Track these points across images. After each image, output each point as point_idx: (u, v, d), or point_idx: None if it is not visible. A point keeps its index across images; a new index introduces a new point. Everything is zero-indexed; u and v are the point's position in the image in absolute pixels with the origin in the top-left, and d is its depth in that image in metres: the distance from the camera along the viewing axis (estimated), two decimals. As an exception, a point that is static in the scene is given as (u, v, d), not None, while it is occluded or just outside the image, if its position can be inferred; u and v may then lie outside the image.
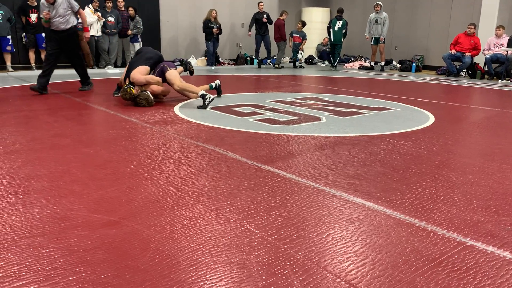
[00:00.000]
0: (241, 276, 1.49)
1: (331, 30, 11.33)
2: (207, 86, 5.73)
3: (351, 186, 2.43)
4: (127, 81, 5.16)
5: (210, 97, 4.95)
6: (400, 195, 2.31)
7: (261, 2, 11.39)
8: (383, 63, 11.41)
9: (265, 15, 11.27)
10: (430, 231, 1.88)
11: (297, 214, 2.03)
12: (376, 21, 10.94)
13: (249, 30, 11.49)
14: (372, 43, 11.21)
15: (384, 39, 11.01)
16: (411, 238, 1.81)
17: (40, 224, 1.87)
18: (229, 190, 2.33)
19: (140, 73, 5.11)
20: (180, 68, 5.69)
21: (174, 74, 5.24)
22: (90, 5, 9.51)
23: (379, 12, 10.90)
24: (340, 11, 11.37)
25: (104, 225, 1.87)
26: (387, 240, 1.79)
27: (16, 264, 1.54)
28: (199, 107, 4.93)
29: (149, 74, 5.23)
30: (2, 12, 8.42)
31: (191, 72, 5.90)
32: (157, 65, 5.34)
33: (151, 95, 5.03)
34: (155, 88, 5.18)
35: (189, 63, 5.91)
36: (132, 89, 4.95)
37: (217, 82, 5.89)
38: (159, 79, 5.23)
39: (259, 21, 11.24)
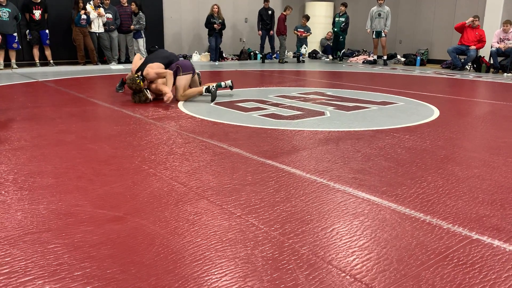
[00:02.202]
0: (246, 271, 1.49)
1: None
2: (213, 84, 5.60)
3: (355, 180, 2.43)
4: (139, 73, 5.09)
5: (213, 86, 5.02)
6: (405, 189, 2.30)
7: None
8: (385, 57, 11.28)
9: (270, 11, 11.22)
10: (436, 225, 1.87)
11: (301, 209, 2.03)
12: (379, 14, 10.75)
13: (258, 29, 11.43)
14: (374, 36, 11.05)
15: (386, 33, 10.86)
16: (416, 232, 1.80)
17: (45, 220, 1.88)
18: (234, 185, 2.33)
19: (152, 68, 5.05)
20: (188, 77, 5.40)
21: (181, 83, 5.12)
22: (91, 2, 9.51)
23: (381, 6, 10.73)
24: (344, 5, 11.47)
25: (109, 221, 1.87)
26: (392, 234, 1.78)
27: (22, 260, 1.55)
28: (212, 101, 5.01)
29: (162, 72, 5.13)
30: (9, 10, 8.46)
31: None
32: (172, 64, 5.25)
33: (149, 97, 4.99)
34: (158, 86, 5.04)
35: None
36: (141, 83, 4.92)
37: (228, 82, 5.64)
38: (169, 79, 5.06)
39: (265, 17, 11.19)
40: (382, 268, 1.52)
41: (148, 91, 5.02)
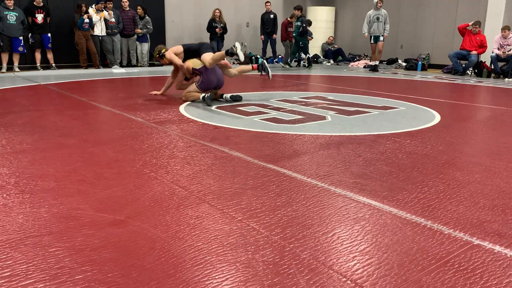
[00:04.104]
0: (247, 275, 1.50)
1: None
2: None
3: (356, 185, 2.43)
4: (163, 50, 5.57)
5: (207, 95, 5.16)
6: (406, 194, 2.30)
7: (268, 2, 11.33)
8: (377, 62, 10.69)
9: (272, 15, 11.24)
10: (436, 230, 1.87)
11: (302, 213, 2.03)
12: (377, 18, 10.15)
13: (261, 34, 11.41)
14: (372, 41, 10.39)
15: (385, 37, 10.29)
16: (417, 237, 1.80)
17: (47, 223, 1.88)
18: (235, 189, 2.33)
19: (171, 50, 5.47)
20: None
21: (189, 89, 5.44)
22: (94, 6, 9.55)
23: (379, 9, 10.13)
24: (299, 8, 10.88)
25: (110, 224, 1.88)
26: (393, 239, 1.78)
27: (23, 263, 1.55)
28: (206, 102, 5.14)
29: (180, 55, 5.49)
30: (16, 14, 8.55)
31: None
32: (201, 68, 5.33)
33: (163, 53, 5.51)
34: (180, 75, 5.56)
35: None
36: (162, 53, 5.49)
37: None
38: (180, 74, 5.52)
39: (267, 21, 11.22)
40: (383, 273, 1.52)
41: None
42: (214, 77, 5.29)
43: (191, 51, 5.50)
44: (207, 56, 5.26)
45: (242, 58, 5.22)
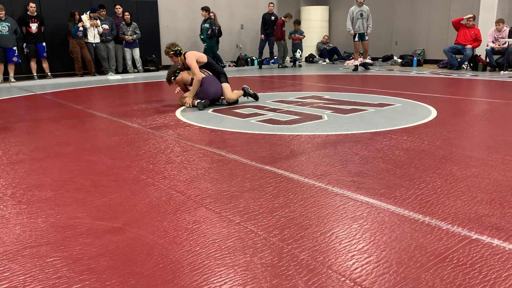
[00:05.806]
0: (246, 278, 1.49)
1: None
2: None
3: (354, 183, 2.43)
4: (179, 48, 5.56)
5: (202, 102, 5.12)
6: (403, 191, 2.30)
7: (271, 3, 11.40)
8: (368, 60, 10.29)
9: (273, 17, 11.28)
10: (435, 226, 1.87)
11: (300, 214, 2.02)
12: (361, 14, 9.70)
13: (261, 33, 11.43)
14: (356, 39, 9.84)
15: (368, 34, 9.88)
16: (416, 234, 1.80)
17: (44, 233, 1.88)
18: (232, 192, 2.32)
19: (194, 55, 5.35)
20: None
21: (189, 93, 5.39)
22: (87, 13, 9.55)
23: (362, 5, 9.71)
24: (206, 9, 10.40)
25: (108, 232, 1.87)
26: (391, 237, 1.78)
27: (21, 274, 1.55)
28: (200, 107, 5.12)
29: (201, 65, 5.37)
30: (9, 24, 8.54)
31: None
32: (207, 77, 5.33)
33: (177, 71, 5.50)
34: (183, 80, 5.46)
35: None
36: (172, 51, 5.46)
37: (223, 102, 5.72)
38: (195, 84, 5.27)
39: (267, 22, 11.26)
40: (382, 271, 1.52)
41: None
42: (212, 88, 5.28)
43: (208, 67, 5.45)
44: (231, 93, 5.42)
45: (257, 98, 5.69)
